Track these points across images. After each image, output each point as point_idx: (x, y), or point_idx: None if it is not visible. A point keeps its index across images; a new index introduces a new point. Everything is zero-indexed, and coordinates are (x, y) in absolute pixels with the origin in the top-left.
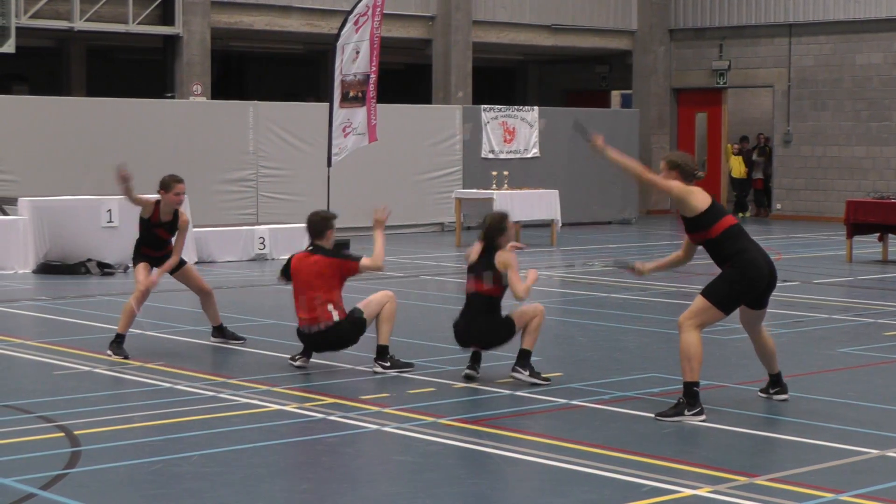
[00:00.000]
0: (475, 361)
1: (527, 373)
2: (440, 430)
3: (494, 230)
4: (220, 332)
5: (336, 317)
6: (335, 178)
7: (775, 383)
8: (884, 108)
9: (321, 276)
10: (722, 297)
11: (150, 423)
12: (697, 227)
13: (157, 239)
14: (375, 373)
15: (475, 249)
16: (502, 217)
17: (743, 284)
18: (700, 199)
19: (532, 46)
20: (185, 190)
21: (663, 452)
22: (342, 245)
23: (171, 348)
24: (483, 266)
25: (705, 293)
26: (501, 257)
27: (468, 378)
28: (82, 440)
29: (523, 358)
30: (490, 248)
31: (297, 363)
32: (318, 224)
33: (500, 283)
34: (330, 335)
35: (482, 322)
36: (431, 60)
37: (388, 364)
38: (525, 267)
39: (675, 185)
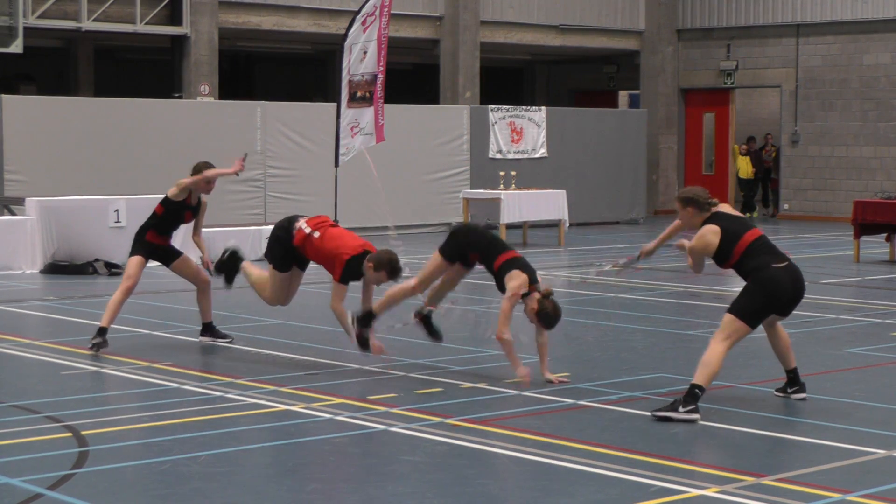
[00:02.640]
0: None
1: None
2: (448, 431)
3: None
4: (209, 329)
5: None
6: (343, 179)
7: (793, 381)
8: (891, 108)
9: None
10: (745, 311)
11: (157, 424)
12: (722, 259)
13: (179, 221)
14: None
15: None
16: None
17: (763, 299)
18: (711, 237)
19: (540, 46)
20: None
21: (671, 453)
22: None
23: (179, 348)
24: None
25: (730, 309)
26: None
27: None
28: (90, 440)
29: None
30: None
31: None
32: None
33: None
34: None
35: None
36: (439, 60)
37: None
38: (536, 267)
39: (700, 242)
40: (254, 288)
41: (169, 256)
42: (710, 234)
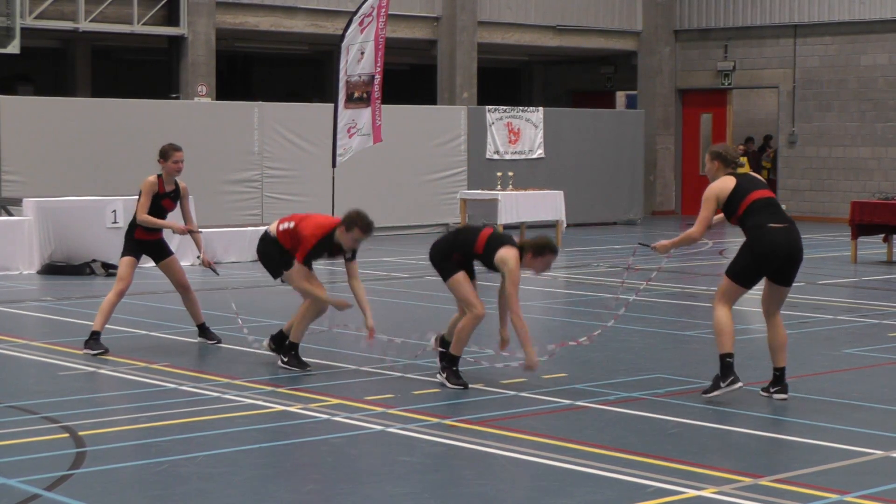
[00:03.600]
0: None
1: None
2: (445, 431)
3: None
4: (203, 330)
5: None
6: (340, 179)
7: (777, 381)
8: (889, 108)
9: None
10: (737, 270)
11: (155, 424)
12: (730, 211)
13: (162, 211)
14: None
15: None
16: None
17: (753, 256)
18: (727, 182)
19: (537, 47)
20: (184, 158)
21: (668, 453)
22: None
23: (176, 349)
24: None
25: (727, 270)
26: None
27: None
28: (87, 441)
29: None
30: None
31: None
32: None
33: None
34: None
35: None
36: (436, 61)
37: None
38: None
39: (716, 185)
40: (305, 320)
41: (160, 253)
42: (727, 179)
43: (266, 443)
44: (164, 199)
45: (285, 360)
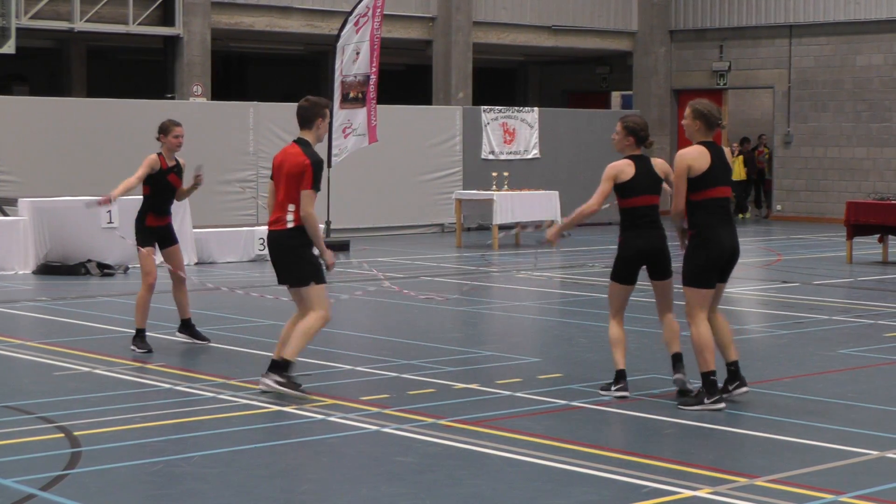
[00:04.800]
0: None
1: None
2: (440, 431)
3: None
4: (186, 326)
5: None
6: (335, 179)
7: (733, 376)
8: (884, 109)
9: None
10: (693, 275)
11: (150, 424)
12: (693, 188)
13: (170, 188)
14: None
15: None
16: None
17: (706, 254)
18: (703, 160)
19: (532, 47)
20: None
21: (663, 454)
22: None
23: (171, 349)
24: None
25: (683, 282)
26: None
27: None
28: (82, 441)
29: None
30: None
31: None
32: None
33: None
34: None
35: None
36: (432, 61)
37: (283, 381)
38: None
39: (692, 155)
40: (306, 336)
41: (166, 240)
42: (703, 155)
43: (261, 443)
44: (168, 175)
45: (282, 380)
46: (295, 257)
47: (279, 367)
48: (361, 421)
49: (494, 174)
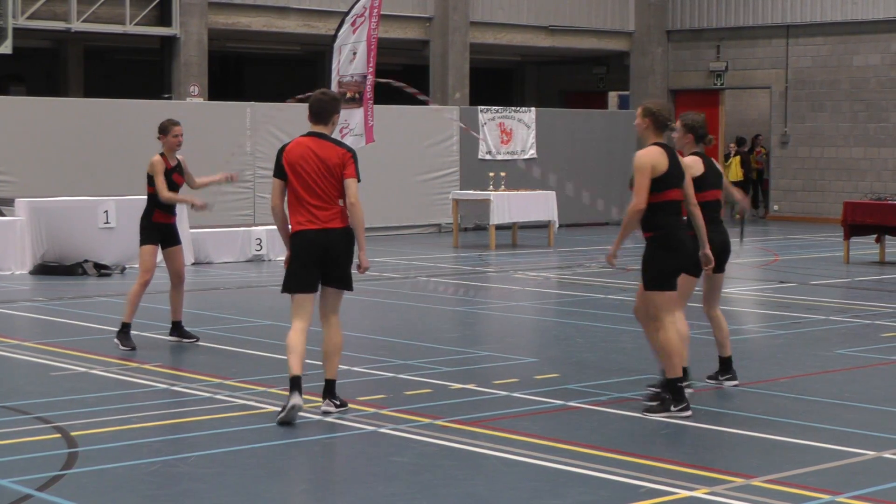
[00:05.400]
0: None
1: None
2: (437, 432)
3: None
4: (176, 328)
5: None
6: None
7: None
8: (881, 109)
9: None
10: (658, 279)
11: (147, 425)
12: (661, 187)
13: (174, 187)
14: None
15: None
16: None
17: (671, 256)
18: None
19: (529, 47)
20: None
21: (660, 454)
22: None
23: (168, 349)
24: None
25: (646, 287)
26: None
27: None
28: (79, 441)
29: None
30: None
31: None
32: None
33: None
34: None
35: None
36: (429, 61)
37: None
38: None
39: (642, 167)
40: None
41: (170, 239)
42: (662, 156)
43: (258, 443)
44: (173, 174)
45: (337, 402)
46: (349, 258)
47: (332, 389)
48: (358, 421)
49: (491, 174)
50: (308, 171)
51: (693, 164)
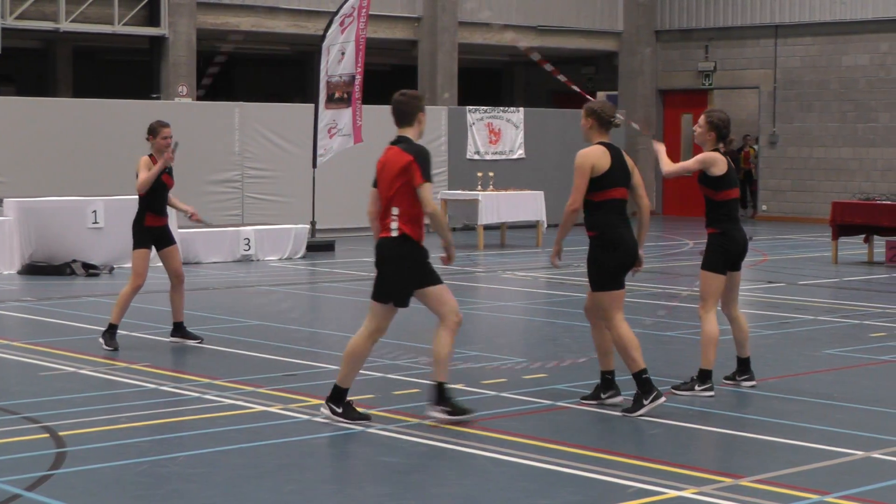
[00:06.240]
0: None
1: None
2: (426, 432)
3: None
4: (179, 329)
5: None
6: (320, 180)
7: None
8: (870, 109)
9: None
10: (605, 280)
11: (135, 424)
12: (604, 185)
13: (164, 188)
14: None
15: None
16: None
17: (617, 256)
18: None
19: (518, 48)
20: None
21: (649, 454)
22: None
23: (156, 349)
24: None
25: (593, 287)
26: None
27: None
28: (68, 441)
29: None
30: None
31: None
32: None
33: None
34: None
35: None
36: (417, 61)
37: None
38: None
39: (583, 166)
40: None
41: (164, 240)
42: (605, 155)
43: (247, 443)
44: (161, 175)
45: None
46: (396, 267)
47: (440, 394)
48: (347, 421)
49: (479, 174)
50: (381, 180)
51: (718, 162)
